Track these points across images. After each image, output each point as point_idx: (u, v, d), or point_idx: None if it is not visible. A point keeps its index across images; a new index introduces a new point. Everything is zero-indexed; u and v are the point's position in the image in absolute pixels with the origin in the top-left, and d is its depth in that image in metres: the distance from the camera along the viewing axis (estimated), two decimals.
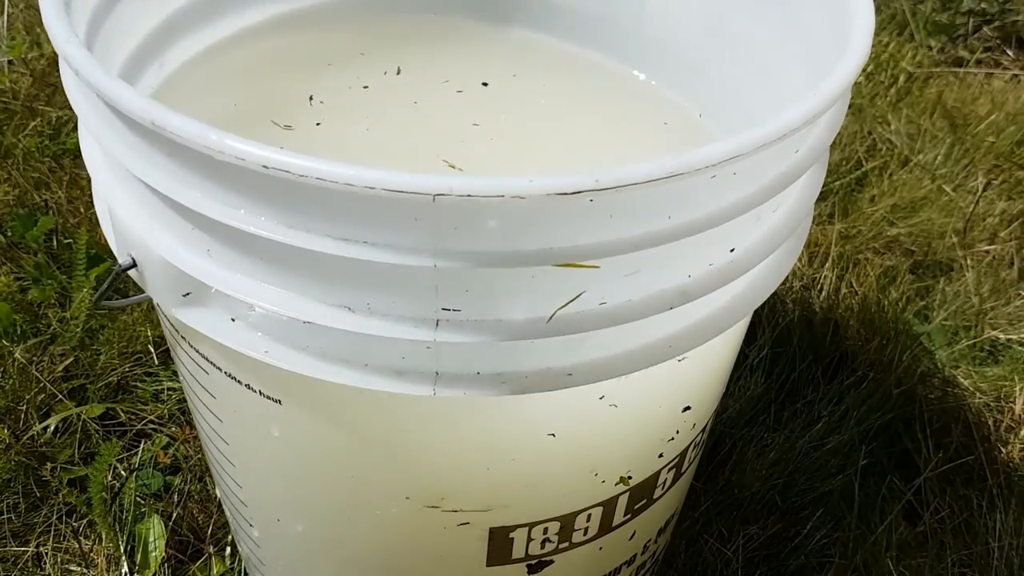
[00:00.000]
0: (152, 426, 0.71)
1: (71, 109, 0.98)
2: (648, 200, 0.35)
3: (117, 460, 0.69)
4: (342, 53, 0.61)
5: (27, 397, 0.70)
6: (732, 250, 0.40)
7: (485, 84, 0.64)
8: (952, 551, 0.74)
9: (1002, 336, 0.94)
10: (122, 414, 0.70)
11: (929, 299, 0.95)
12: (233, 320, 0.40)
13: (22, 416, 0.69)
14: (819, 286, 0.90)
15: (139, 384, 0.72)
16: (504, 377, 0.38)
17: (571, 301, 0.36)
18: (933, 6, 1.43)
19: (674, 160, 0.33)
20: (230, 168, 0.33)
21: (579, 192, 0.32)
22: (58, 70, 1.03)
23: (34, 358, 0.71)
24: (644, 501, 0.52)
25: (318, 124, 0.58)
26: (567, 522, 0.49)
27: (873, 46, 1.36)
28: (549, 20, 0.65)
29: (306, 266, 0.36)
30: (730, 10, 0.57)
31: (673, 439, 0.50)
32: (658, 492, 0.53)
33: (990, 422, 0.83)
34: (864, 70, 1.25)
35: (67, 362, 0.71)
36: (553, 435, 0.43)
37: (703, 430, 0.54)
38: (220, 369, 0.44)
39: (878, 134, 1.16)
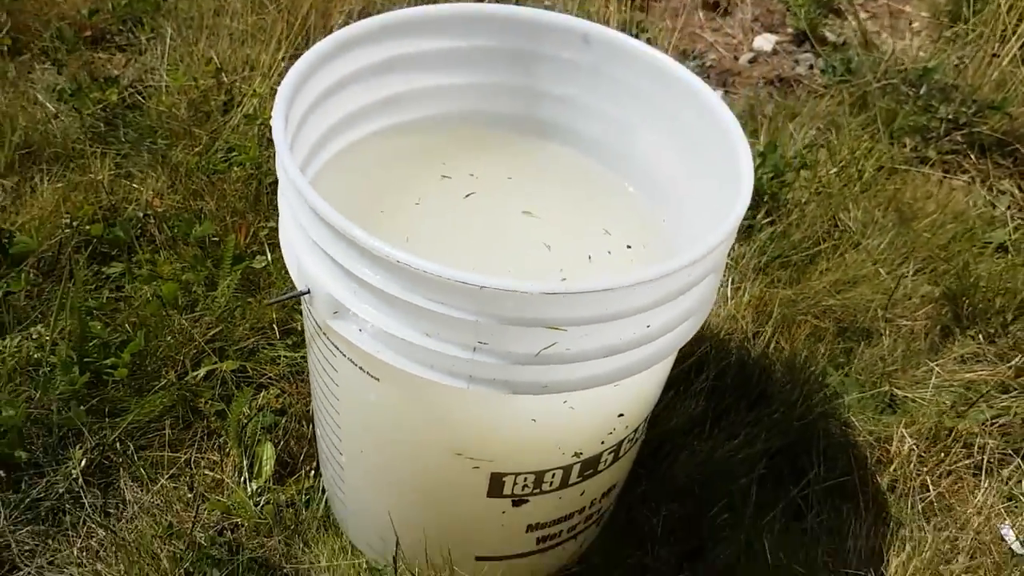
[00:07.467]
0: (270, 381, 1.02)
1: (219, 134, 1.28)
2: (595, 301, 0.64)
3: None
4: (434, 155, 0.91)
5: (185, 351, 1.01)
6: (648, 326, 0.69)
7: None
8: (822, 544, 1.02)
9: (900, 392, 1.22)
10: (250, 370, 1.01)
11: (849, 358, 1.24)
12: (360, 330, 0.69)
13: (181, 364, 1.01)
14: (760, 338, 1.18)
15: (263, 350, 1.03)
16: (508, 384, 0.67)
17: (549, 347, 0.66)
18: (913, 109, 1.70)
19: (614, 280, 0.63)
20: (371, 255, 0.63)
21: (554, 293, 0.62)
22: (208, 100, 1.33)
23: (191, 325, 1.02)
24: (591, 471, 0.82)
25: (416, 203, 0.87)
26: (539, 476, 0.79)
27: (851, 142, 1.63)
28: (574, 141, 0.94)
29: (407, 309, 0.65)
30: (689, 161, 0.85)
31: (611, 433, 0.79)
32: (601, 466, 0.83)
33: (869, 456, 1.11)
34: (838, 163, 1.53)
35: (215, 331, 1.02)
36: (534, 420, 0.73)
37: (636, 430, 0.83)
38: (344, 355, 0.74)
39: (840, 219, 1.44)
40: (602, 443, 0.80)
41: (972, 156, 1.68)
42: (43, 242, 1.08)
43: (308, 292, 0.71)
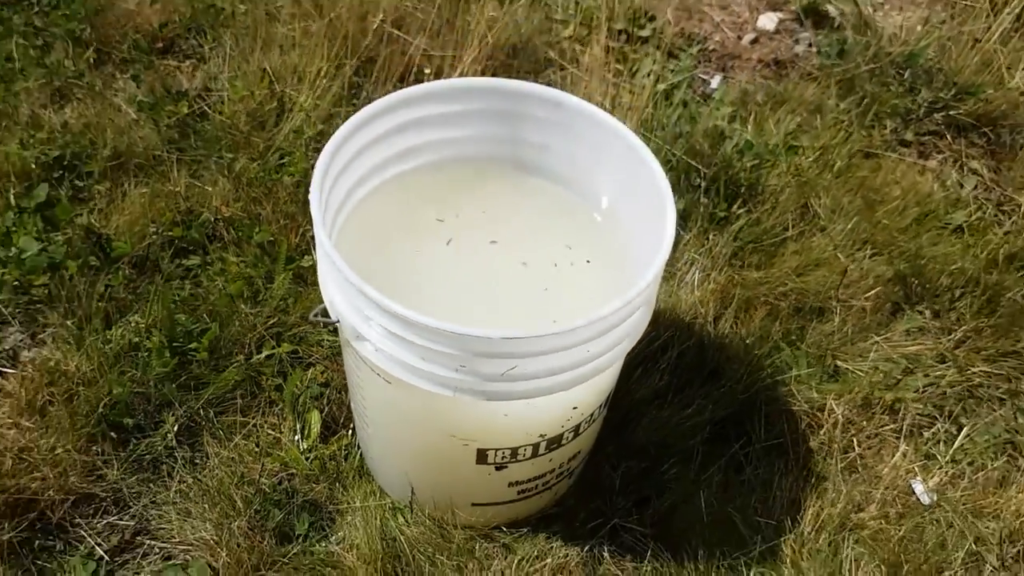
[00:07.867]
0: (316, 360, 1.29)
1: (272, 141, 1.52)
2: (543, 341, 0.88)
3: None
4: (434, 195, 1.14)
5: (250, 337, 1.28)
6: (588, 351, 0.93)
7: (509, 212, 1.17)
8: (756, 494, 1.27)
9: (842, 364, 1.44)
10: (301, 352, 1.28)
11: (802, 335, 1.46)
12: (375, 350, 0.95)
13: (247, 347, 1.28)
14: (721, 321, 1.41)
15: (311, 335, 1.30)
16: (484, 393, 0.92)
17: (511, 369, 0.91)
18: (896, 92, 1.86)
19: (557, 327, 0.87)
20: (380, 306, 0.88)
21: (511, 338, 0.86)
22: (263, 107, 1.57)
23: (254, 316, 1.29)
24: (556, 445, 1.08)
25: (416, 250, 1.11)
26: (514, 451, 1.05)
27: (831, 128, 1.80)
28: (552, 177, 1.17)
29: (407, 342, 0.90)
30: (635, 202, 1.08)
31: (569, 420, 1.04)
32: (564, 442, 1.08)
33: (804, 421, 1.35)
34: (816, 149, 1.71)
35: (272, 320, 1.29)
36: (506, 415, 0.99)
37: (591, 415, 1.08)
38: (367, 364, 1.00)
39: (811, 205, 1.63)
40: (562, 427, 1.05)
41: (948, 137, 1.84)
42: (135, 245, 1.35)
43: (338, 321, 0.97)
